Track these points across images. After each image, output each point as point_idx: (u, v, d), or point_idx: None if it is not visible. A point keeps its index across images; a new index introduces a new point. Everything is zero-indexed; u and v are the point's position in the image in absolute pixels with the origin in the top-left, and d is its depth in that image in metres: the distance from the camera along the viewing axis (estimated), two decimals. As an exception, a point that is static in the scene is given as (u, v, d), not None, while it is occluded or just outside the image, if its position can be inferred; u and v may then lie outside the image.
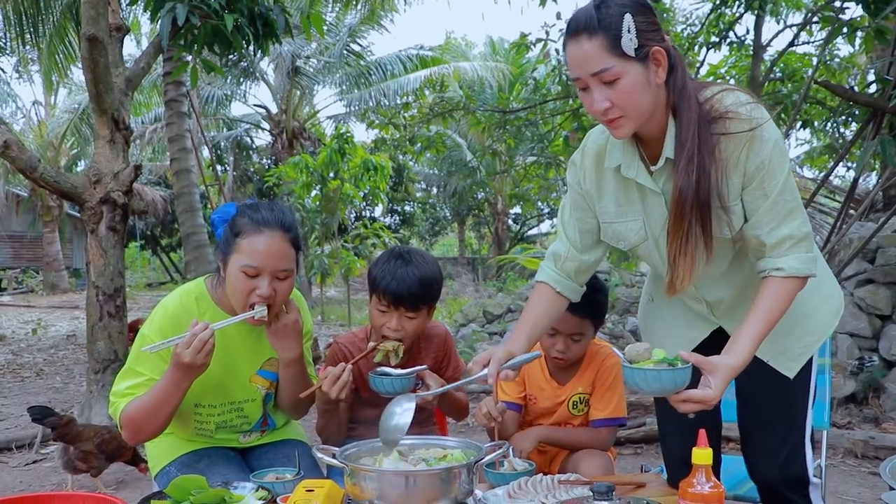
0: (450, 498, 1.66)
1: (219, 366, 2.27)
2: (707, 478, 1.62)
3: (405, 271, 2.40)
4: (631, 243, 2.10)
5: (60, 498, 2.34)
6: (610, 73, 1.79)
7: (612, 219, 2.11)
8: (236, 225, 2.23)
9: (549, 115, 10.63)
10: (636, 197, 2.05)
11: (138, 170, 5.89)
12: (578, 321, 2.58)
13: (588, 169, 2.12)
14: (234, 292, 2.23)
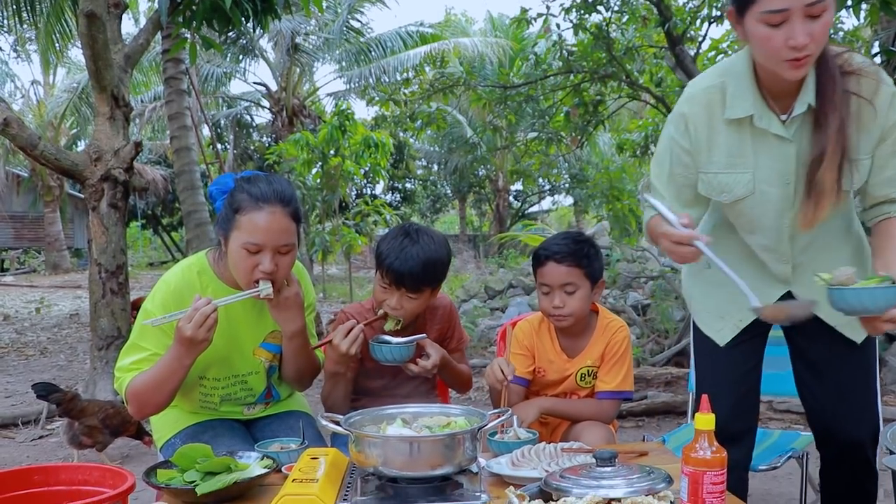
0: (454, 464, 1.67)
1: (222, 339, 2.27)
2: (709, 442, 1.63)
3: (410, 251, 2.39)
4: (735, 196, 2.11)
5: (67, 469, 2.36)
6: (822, 4, 1.78)
7: (721, 169, 2.10)
8: (235, 201, 2.20)
9: (549, 90, 10.57)
10: (749, 149, 2.06)
11: (139, 147, 5.88)
12: (567, 270, 2.55)
13: (699, 119, 2.10)
14: (236, 269, 2.23)
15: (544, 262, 2.59)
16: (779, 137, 2.02)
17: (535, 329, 2.74)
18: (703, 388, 2.43)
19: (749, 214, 2.15)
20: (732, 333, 2.32)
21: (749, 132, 2.05)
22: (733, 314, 2.31)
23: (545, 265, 2.58)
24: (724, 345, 2.34)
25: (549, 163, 14.50)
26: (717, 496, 1.61)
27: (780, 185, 2.06)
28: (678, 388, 5.66)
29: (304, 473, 1.68)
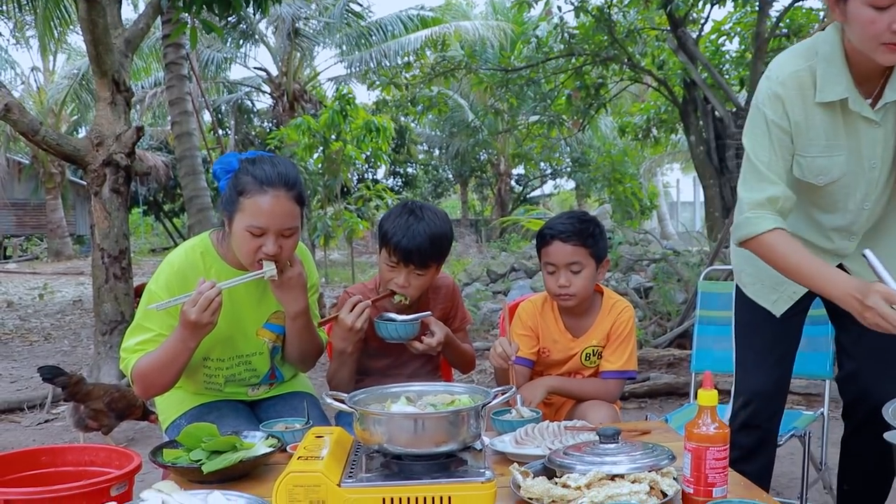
0: (458, 441, 1.68)
1: (225, 320, 2.27)
2: (712, 419, 1.64)
3: (416, 228, 2.39)
4: (831, 178, 2.13)
5: (74, 451, 2.38)
6: None
7: (819, 153, 2.11)
8: (239, 183, 2.19)
9: (551, 73, 10.55)
10: (843, 131, 2.08)
11: (140, 131, 5.88)
12: (572, 249, 2.55)
13: (795, 100, 2.09)
14: (240, 251, 2.24)
15: (550, 241, 2.59)
16: (868, 121, 2.05)
17: (539, 309, 2.75)
18: (746, 359, 2.47)
19: (834, 196, 2.18)
20: (787, 305, 2.37)
21: (840, 115, 2.06)
22: (786, 286, 2.34)
23: (551, 244, 2.59)
24: (780, 315, 2.38)
25: (550, 146, 14.48)
26: (719, 471, 1.62)
27: (868, 168, 2.11)
28: (680, 370, 5.68)
29: (310, 451, 1.68)
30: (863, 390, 2.34)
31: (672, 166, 28.50)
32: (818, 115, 2.09)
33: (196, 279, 2.22)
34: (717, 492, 1.61)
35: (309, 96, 19.39)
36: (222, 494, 1.64)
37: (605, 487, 1.61)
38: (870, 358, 2.30)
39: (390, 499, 1.59)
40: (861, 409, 2.35)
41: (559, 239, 2.57)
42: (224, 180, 2.28)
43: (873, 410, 2.27)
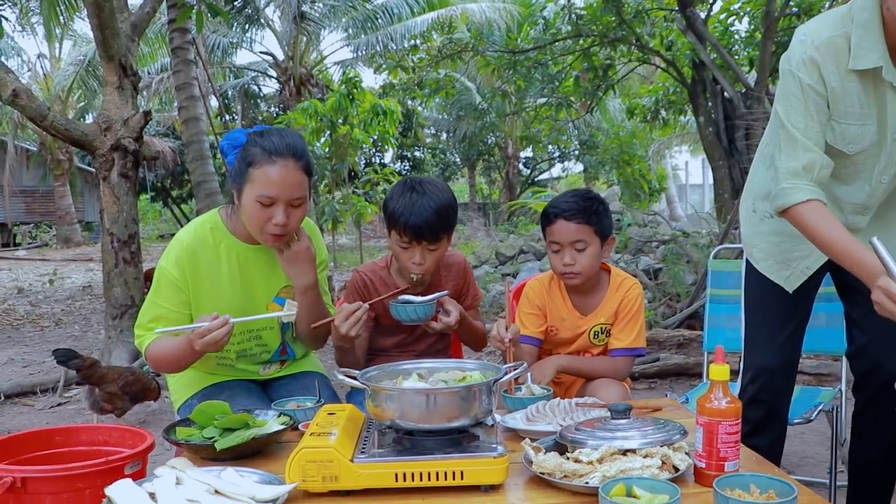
0: (470, 416, 1.68)
1: (237, 295, 2.33)
2: (724, 393, 1.64)
3: (421, 204, 2.39)
4: (861, 147, 2.11)
5: (87, 430, 2.40)
6: None
7: (854, 120, 2.09)
8: (248, 154, 2.22)
9: (559, 55, 10.49)
10: (874, 101, 2.06)
11: (148, 116, 5.88)
12: (577, 227, 2.55)
13: (830, 66, 2.06)
14: (249, 222, 2.26)
15: (554, 220, 2.58)
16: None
17: (546, 287, 2.75)
18: (755, 335, 2.47)
19: (858, 166, 2.16)
20: (799, 280, 2.36)
21: (872, 84, 2.04)
22: (799, 262, 2.34)
23: (555, 223, 2.58)
24: (792, 291, 2.37)
25: (558, 128, 14.43)
26: (731, 446, 1.62)
27: (890, 140, 2.09)
28: (690, 350, 5.67)
29: (322, 428, 1.69)
30: (873, 364, 2.33)
31: (681, 148, 28.40)
32: (853, 82, 2.06)
33: (205, 258, 2.28)
34: (729, 466, 1.61)
35: (315, 80, 19.33)
36: (235, 471, 1.65)
37: (616, 462, 1.61)
38: (880, 331, 2.28)
39: (402, 474, 1.59)
40: (872, 383, 2.35)
41: (563, 217, 2.56)
42: (232, 155, 2.31)
43: (884, 384, 2.28)
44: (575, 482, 1.59)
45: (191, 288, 2.30)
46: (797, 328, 2.43)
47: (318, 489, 1.61)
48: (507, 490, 1.64)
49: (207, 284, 2.33)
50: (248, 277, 2.38)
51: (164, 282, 2.30)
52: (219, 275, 2.35)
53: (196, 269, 2.31)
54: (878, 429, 2.39)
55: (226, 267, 2.36)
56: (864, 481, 2.46)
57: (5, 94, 5.50)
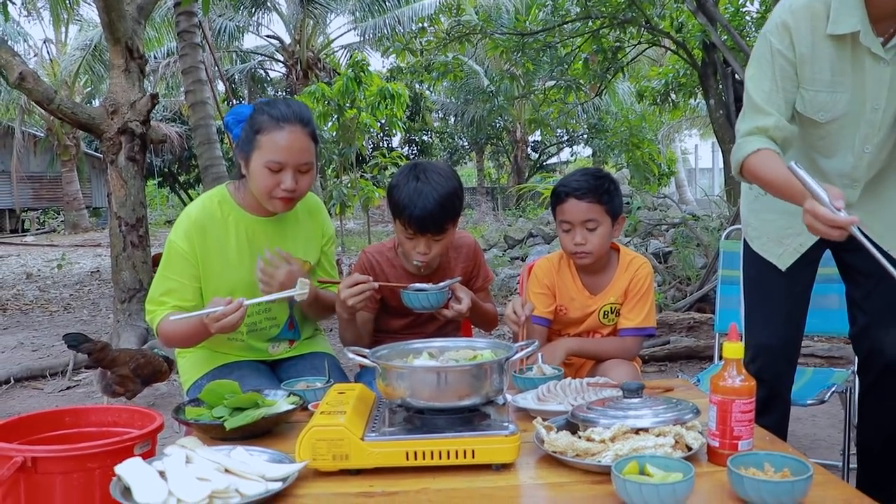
0: (481, 395, 1.66)
1: (245, 267, 2.35)
2: (738, 371, 1.62)
3: (426, 195, 2.33)
4: (832, 115, 2.09)
5: (97, 411, 2.40)
6: None
7: (823, 87, 2.07)
8: (256, 122, 2.25)
9: (568, 37, 10.42)
10: (849, 69, 2.03)
11: (155, 99, 5.87)
12: (588, 207, 2.52)
13: (803, 31, 2.05)
14: (258, 189, 2.29)
15: (564, 199, 2.56)
16: (877, 58, 1.99)
17: (556, 267, 2.72)
18: (753, 314, 2.46)
19: (835, 136, 2.13)
20: (793, 258, 2.34)
21: (850, 50, 2.01)
22: (792, 239, 2.32)
23: (566, 202, 2.56)
24: (785, 269, 2.35)
25: (567, 111, 14.36)
26: (745, 424, 1.60)
27: (871, 109, 2.06)
28: (701, 333, 5.65)
29: (332, 406, 1.67)
30: (874, 346, 2.31)
31: (690, 132, 28.28)
32: (827, 49, 2.04)
33: (214, 231, 2.30)
34: (742, 445, 1.60)
35: (322, 64, 19.30)
36: (245, 450, 1.64)
37: (629, 441, 1.59)
38: (881, 312, 2.28)
39: (413, 452, 1.58)
40: (874, 365, 2.33)
41: (574, 196, 2.54)
42: (237, 129, 2.34)
43: (885, 367, 2.26)
44: (587, 461, 1.58)
45: (200, 261, 2.32)
46: (795, 307, 2.40)
47: (329, 468, 1.59)
48: (518, 469, 1.63)
49: (216, 257, 2.35)
50: (257, 249, 2.39)
51: (174, 255, 2.32)
52: (227, 247, 2.36)
53: (205, 242, 2.33)
54: (882, 411, 2.36)
55: (234, 239, 2.37)
56: (872, 463, 2.44)
57: (12, 78, 5.50)
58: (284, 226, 2.46)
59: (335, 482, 1.58)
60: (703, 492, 1.46)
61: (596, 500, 1.46)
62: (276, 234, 2.44)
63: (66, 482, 1.97)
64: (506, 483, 1.56)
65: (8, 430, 2.11)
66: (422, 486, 1.54)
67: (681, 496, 1.36)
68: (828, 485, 1.47)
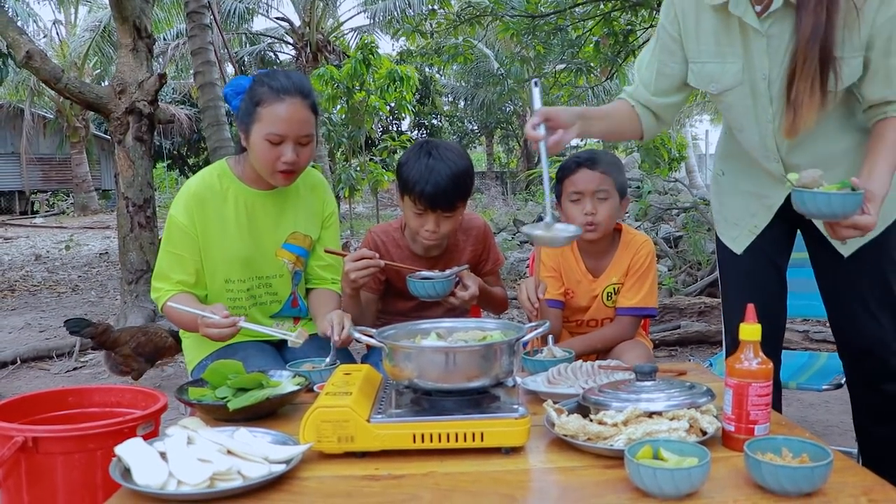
0: (491, 376, 1.62)
1: (244, 240, 2.35)
2: (755, 353, 1.57)
3: (437, 171, 2.30)
4: (724, 86, 2.06)
5: (100, 391, 2.37)
6: None
7: (709, 58, 2.06)
8: (256, 94, 2.24)
9: (579, 19, 10.32)
10: (738, 39, 2.00)
11: (163, 78, 5.82)
12: (600, 177, 2.51)
13: (686, 6, 2.06)
14: (259, 161, 2.28)
15: (576, 169, 2.54)
16: (754, 30, 1.95)
17: (559, 250, 2.68)
18: (726, 299, 2.42)
19: (736, 108, 2.10)
20: (748, 240, 2.28)
21: (737, 23, 1.98)
22: (747, 220, 2.27)
23: (577, 172, 2.54)
24: (741, 252, 2.30)
25: (578, 95, 14.25)
26: (762, 408, 1.55)
27: (760, 78, 2.00)
28: (711, 318, 5.60)
29: (338, 388, 1.64)
30: (843, 337, 2.28)
31: (701, 117, 28.09)
32: (710, 21, 2.03)
33: (213, 204, 2.31)
34: (759, 430, 1.55)
35: (332, 47, 19.20)
36: (248, 431, 1.60)
37: (642, 424, 1.55)
38: (840, 305, 2.24)
39: (420, 435, 1.54)
40: (847, 354, 2.30)
41: (586, 166, 2.53)
42: (236, 101, 2.32)
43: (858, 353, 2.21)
44: (598, 445, 1.54)
45: (199, 234, 2.33)
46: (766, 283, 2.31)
47: (334, 450, 1.56)
48: (528, 452, 1.59)
49: (216, 230, 2.34)
50: (256, 223, 2.39)
51: (175, 230, 2.33)
52: (226, 220, 2.36)
53: (204, 216, 2.33)
54: (865, 397, 2.31)
55: (233, 212, 2.37)
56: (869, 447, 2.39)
57: (19, 56, 5.46)
58: (285, 199, 2.45)
59: (340, 465, 1.54)
60: (718, 477, 1.42)
61: (608, 484, 1.42)
62: (275, 208, 2.43)
63: (68, 463, 1.94)
64: (515, 467, 1.52)
65: (10, 409, 2.08)
66: (429, 470, 1.50)
67: (696, 481, 1.32)
68: (847, 471, 1.43)
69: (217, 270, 2.36)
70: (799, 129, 1.92)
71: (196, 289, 2.37)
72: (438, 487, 1.43)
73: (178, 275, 2.32)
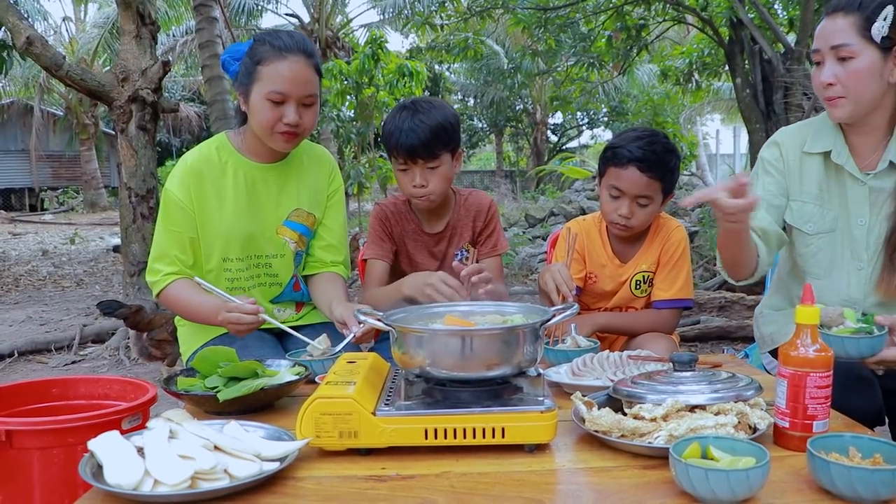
0: (513, 364, 1.43)
1: (243, 216, 2.23)
2: (813, 339, 1.38)
3: (414, 121, 2.23)
4: (819, 228, 2.11)
5: (87, 382, 2.22)
6: (847, 49, 1.90)
7: (811, 199, 2.12)
8: (257, 53, 2.12)
9: (591, 13, 10.14)
10: (834, 187, 2.09)
11: (167, 66, 5.66)
12: (648, 182, 2.27)
13: (791, 148, 2.15)
14: (259, 123, 2.14)
15: (625, 164, 2.28)
16: (854, 178, 2.04)
17: (586, 231, 2.49)
18: None
19: (824, 254, 2.13)
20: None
21: (834, 171, 2.08)
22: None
23: (625, 168, 2.28)
24: None
25: (589, 90, 14.05)
26: (821, 402, 1.37)
27: (856, 225, 2.07)
28: (731, 313, 5.40)
29: (341, 377, 1.46)
30: None
31: (713, 116, 27.82)
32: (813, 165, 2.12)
33: (211, 177, 2.19)
34: (817, 426, 1.37)
35: (342, 44, 19.02)
36: (240, 425, 1.43)
37: (685, 420, 1.37)
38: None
39: (433, 430, 1.37)
40: None
41: (636, 166, 2.27)
42: (234, 67, 2.21)
43: None
44: (636, 442, 1.36)
45: (196, 210, 2.19)
46: None
47: (335, 447, 1.38)
48: (554, 451, 1.41)
49: (213, 205, 2.21)
50: (256, 198, 2.25)
51: (171, 205, 2.20)
52: (224, 193, 2.22)
53: (201, 190, 2.20)
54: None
55: (232, 186, 2.23)
56: None
57: (19, 42, 5.31)
58: (287, 174, 2.31)
59: (342, 463, 1.37)
60: (775, 480, 1.23)
61: (649, 487, 1.24)
62: (277, 183, 2.29)
63: (45, 458, 1.79)
64: (541, 467, 1.34)
65: (-14, 401, 1.93)
66: (442, 470, 1.33)
67: (755, 485, 1.14)
68: (924, 474, 1.24)
69: (214, 248, 2.22)
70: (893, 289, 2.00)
71: (194, 269, 2.23)
72: (453, 490, 1.25)
73: (174, 251, 2.18)
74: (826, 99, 1.97)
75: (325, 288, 2.33)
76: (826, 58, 1.93)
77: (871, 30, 1.87)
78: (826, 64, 1.94)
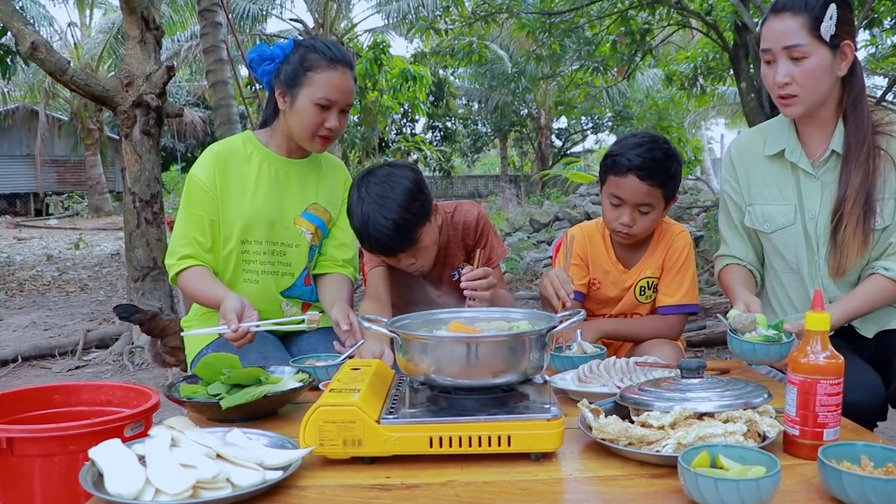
0: (519, 371, 1.41)
1: (263, 204, 2.33)
2: (823, 346, 1.37)
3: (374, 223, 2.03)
4: (777, 225, 2.18)
5: (89, 389, 2.21)
6: (800, 49, 1.95)
7: (766, 201, 2.20)
8: (307, 59, 2.26)
9: (595, 18, 10.12)
10: (791, 183, 2.16)
11: (171, 71, 5.64)
12: (648, 189, 2.24)
13: (742, 157, 2.26)
14: (303, 124, 2.27)
15: (625, 173, 2.24)
16: (807, 174, 2.13)
17: (588, 236, 2.47)
18: None
19: (787, 249, 2.19)
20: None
21: (790, 168, 2.16)
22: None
23: (625, 177, 2.24)
24: None
25: (593, 95, 14.03)
26: (832, 409, 1.36)
27: (810, 219, 2.13)
28: (737, 319, 5.37)
29: (345, 384, 1.44)
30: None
31: (717, 121, 27.79)
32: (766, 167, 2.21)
33: (236, 164, 2.31)
34: (828, 434, 1.35)
35: (346, 48, 19.06)
36: (243, 433, 1.41)
37: (693, 428, 1.35)
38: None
39: (438, 438, 1.35)
40: None
41: (636, 174, 2.23)
42: (260, 68, 2.33)
43: None
44: (644, 450, 1.34)
45: (219, 193, 2.30)
46: None
47: (338, 455, 1.37)
48: (561, 459, 1.39)
49: (236, 188, 2.31)
50: (278, 186, 2.37)
51: (194, 187, 2.30)
52: (247, 180, 2.33)
53: (226, 176, 2.31)
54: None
55: (255, 173, 2.34)
56: None
57: (24, 47, 5.30)
58: (308, 170, 2.44)
59: (345, 472, 1.35)
60: (786, 489, 1.22)
61: (657, 496, 1.22)
62: (299, 176, 2.41)
63: (46, 466, 1.78)
64: (547, 476, 1.32)
65: (-13, 407, 1.92)
66: (447, 479, 1.31)
67: (765, 494, 1.12)
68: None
69: (234, 231, 2.30)
70: (845, 268, 2.07)
71: (212, 252, 2.31)
72: (459, 499, 1.24)
73: (194, 233, 2.28)
74: (780, 97, 2.03)
75: (332, 290, 2.39)
76: (778, 57, 1.98)
77: (820, 29, 1.93)
78: (779, 63, 1.98)
